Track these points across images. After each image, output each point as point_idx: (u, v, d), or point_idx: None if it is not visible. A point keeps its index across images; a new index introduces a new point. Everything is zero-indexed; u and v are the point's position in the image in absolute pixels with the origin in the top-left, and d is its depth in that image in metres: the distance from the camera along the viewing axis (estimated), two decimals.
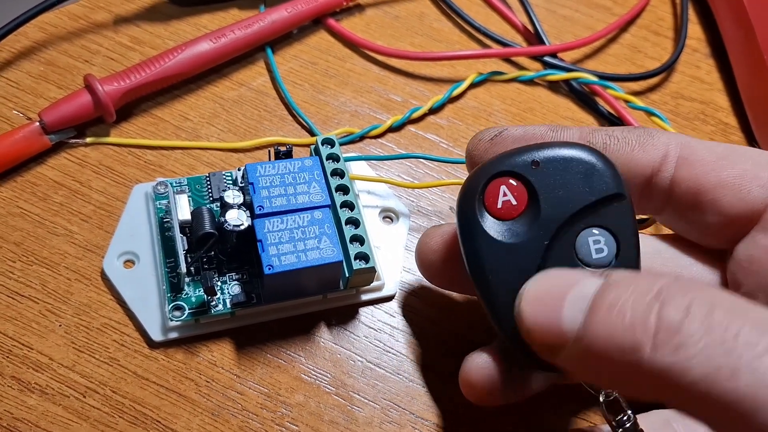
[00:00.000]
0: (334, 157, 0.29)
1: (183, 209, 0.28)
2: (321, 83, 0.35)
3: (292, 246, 0.25)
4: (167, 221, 0.29)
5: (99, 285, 0.28)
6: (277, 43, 0.36)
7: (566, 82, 0.37)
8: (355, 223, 0.27)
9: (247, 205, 0.27)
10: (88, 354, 0.27)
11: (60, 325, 0.27)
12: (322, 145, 0.29)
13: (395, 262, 0.30)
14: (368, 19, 0.38)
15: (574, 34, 0.39)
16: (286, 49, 0.36)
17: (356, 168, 0.32)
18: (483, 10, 0.40)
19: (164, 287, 0.27)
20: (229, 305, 0.27)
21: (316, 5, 0.36)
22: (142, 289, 0.28)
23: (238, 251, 0.28)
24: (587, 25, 0.40)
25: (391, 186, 0.32)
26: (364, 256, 0.27)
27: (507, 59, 0.38)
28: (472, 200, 0.22)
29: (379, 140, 0.34)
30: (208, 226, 0.26)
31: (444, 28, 0.39)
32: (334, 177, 0.28)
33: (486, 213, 0.22)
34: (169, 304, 0.27)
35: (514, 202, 0.22)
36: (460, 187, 0.23)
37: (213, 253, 0.28)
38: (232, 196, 0.27)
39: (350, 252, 0.26)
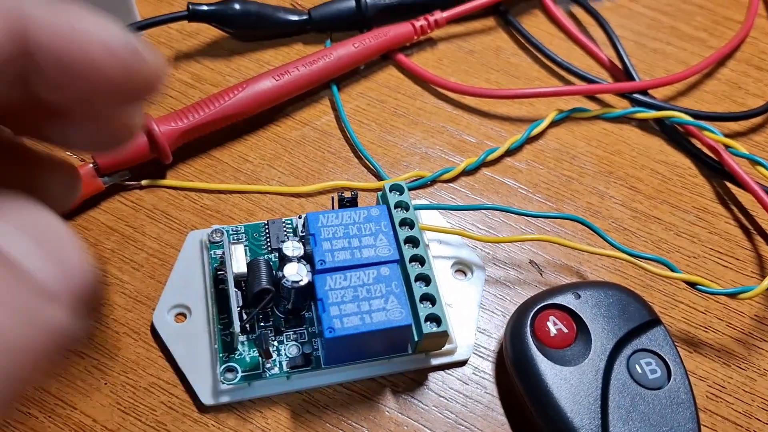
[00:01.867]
0: (403, 206, 0.26)
1: (239, 261, 0.26)
2: (389, 123, 0.33)
3: (356, 306, 0.23)
4: (222, 273, 0.26)
5: (148, 340, 0.26)
6: (343, 79, 0.34)
7: (657, 121, 0.34)
8: (425, 280, 0.24)
9: (308, 258, 0.25)
10: (134, 416, 0.25)
11: (105, 383, 0.25)
12: (390, 191, 0.26)
13: (468, 322, 0.27)
14: (440, 53, 0.36)
15: (666, 69, 0.36)
16: (352, 86, 0.34)
17: (426, 217, 0.29)
18: (565, 44, 0.37)
19: (216, 346, 0.25)
20: (285, 368, 0.25)
21: (385, 39, 0.33)
22: (193, 347, 0.26)
23: (296, 308, 0.25)
24: (680, 59, 0.36)
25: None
26: (435, 318, 0.24)
27: (591, 97, 0.34)
28: (524, 333, 0.25)
29: (451, 184, 0.31)
30: (264, 282, 0.24)
31: (522, 63, 0.36)
32: (403, 227, 0.26)
33: (539, 343, 0.25)
34: (221, 365, 0.25)
35: (565, 331, 0.25)
36: (541, 242, 0.27)
37: (269, 309, 0.26)
38: (292, 247, 0.25)
39: (420, 313, 0.24)
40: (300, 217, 0.27)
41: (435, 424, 0.25)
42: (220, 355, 0.25)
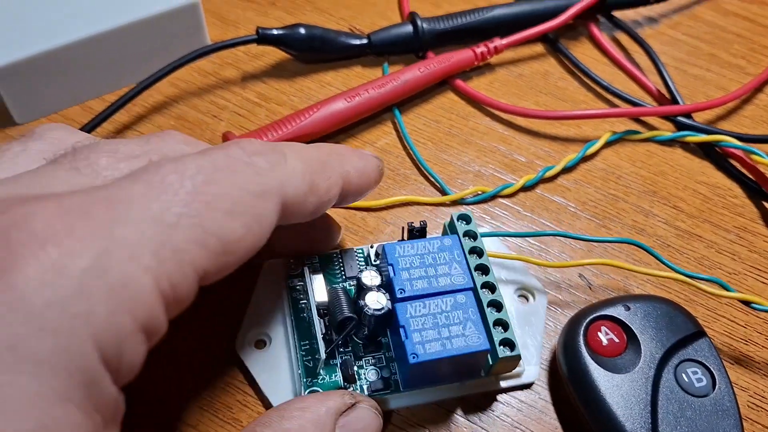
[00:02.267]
0: (471, 235, 0.27)
1: (320, 291, 0.27)
2: (443, 142, 0.35)
3: (437, 332, 0.24)
4: (302, 301, 0.27)
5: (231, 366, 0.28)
6: (403, 102, 0.36)
7: (699, 143, 0.35)
8: (497, 306, 0.26)
9: (386, 287, 0.26)
10: None
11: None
12: (458, 221, 0.27)
13: (534, 345, 0.28)
14: (492, 77, 0.38)
15: (706, 94, 0.38)
16: (409, 107, 0.36)
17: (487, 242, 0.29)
18: (609, 69, 0.38)
19: (299, 371, 0.26)
20: (366, 392, 0.25)
21: (448, 65, 0.35)
22: (275, 373, 0.27)
23: (374, 334, 0.26)
24: (720, 85, 0.38)
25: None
26: (509, 343, 0.25)
27: (636, 119, 0.36)
28: (577, 342, 0.26)
29: (504, 201, 0.33)
30: (347, 311, 0.25)
31: (569, 86, 0.38)
32: (472, 255, 0.27)
33: (592, 352, 0.26)
34: (305, 390, 0.25)
35: (616, 340, 0.27)
36: (595, 264, 0.28)
37: (349, 336, 0.27)
38: (370, 277, 0.26)
39: (494, 338, 0.25)
40: (372, 247, 0.28)
41: (492, 427, 0.27)
42: (304, 380, 0.25)
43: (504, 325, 0.25)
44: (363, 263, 0.28)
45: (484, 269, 0.26)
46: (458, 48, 0.37)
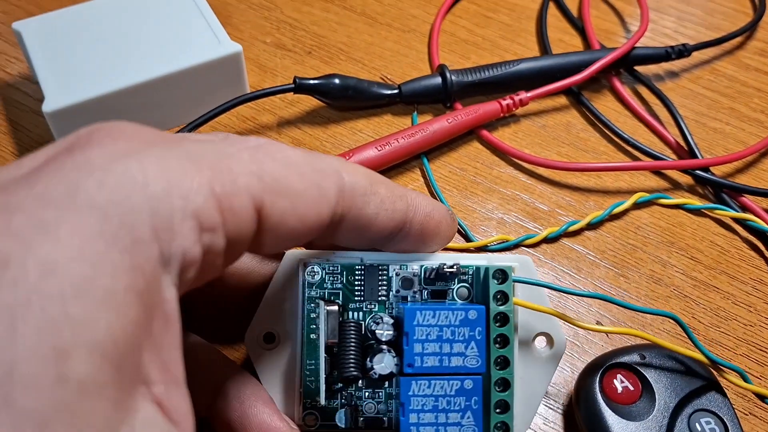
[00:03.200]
0: (502, 296, 0.25)
1: (332, 329, 0.25)
2: (469, 189, 0.36)
3: (434, 417, 0.24)
4: (313, 325, 0.26)
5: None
6: (431, 150, 0.38)
7: (717, 195, 0.36)
8: (504, 384, 0.24)
9: (396, 348, 0.25)
10: None
11: None
12: (493, 278, 0.25)
13: (531, 402, 0.26)
14: (516, 127, 0.39)
15: (725, 147, 0.39)
16: (436, 155, 0.38)
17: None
18: (630, 121, 0.40)
19: (301, 390, 0.26)
20: (362, 425, 0.26)
21: (475, 117, 0.37)
22: (279, 373, 0.26)
23: (377, 384, 0.26)
24: (739, 138, 0.39)
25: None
26: (504, 426, 0.24)
27: (657, 172, 0.37)
28: (593, 388, 0.27)
29: (523, 247, 0.34)
30: (353, 368, 0.25)
31: (591, 138, 0.39)
32: (496, 322, 0.25)
33: (607, 398, 0.27)
34: (303, 410, 0.26)
35: (631, 388, 0.27)
36: (625, 333, 0.27)
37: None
38: (383, 331, 0.25)
39: (492, 419, 0.24)
40: (396, 274, 0.26)
41: None
42: (305, 401, 0.26)
43: (505, 407, 0.24)
44: (385, 289, 0.26)
45: (504, 340, 0.25)
46: (485, 99, 0.39)
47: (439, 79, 0.39)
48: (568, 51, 0.42)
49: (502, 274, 0.25)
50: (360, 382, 0.26)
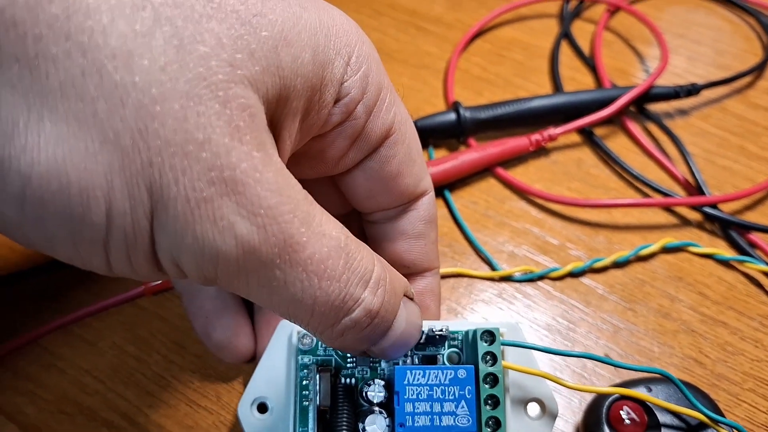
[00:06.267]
0: (491, 357, 0.25)
1: (324, 394, 0.26)
2: (480, 222, 0.37)
3: None
4: (305, 391, 0.26)
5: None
6: (449, 184, 0.39)
7: (725, 231, 0.37)
8: None
9: (387, 409, 0.25)
10: None
11: None
12: (481, 338, 0.26)
13: None
14: (527, 162, 0.40)
15: (734, 185, 0.39)
16: (449, 188, 0.39)
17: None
18: (640, 158, 0.41)
19: None
20: None
21: (503, 150, 0.39)
22: None
23: None
24: (747, 176, 0.40)
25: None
26: None
27: (666, 208, 0.38)
28: (600, 420, 0.28)
29: (534, 282, 0.35)
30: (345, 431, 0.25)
31: (601, 174, 0.40)
32: (486, 383, 0.25)
33: (614, 429, 0.28)
34: None
35: (637, 420, 0.28)
36: (616, 392, 0.27)
37: None
38: (375, 393, 0.26)
39: None
40: None
41: None
42: None
43: None
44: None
45: (494, 401, 0.25)
46: (498, 135, 0.40)
47: (453, 115, 0.40)
48: (579, 89, 0.43)
49: (490, 336, 0.25)
50: None
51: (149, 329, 0.33)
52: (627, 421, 0.28)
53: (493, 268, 0.35)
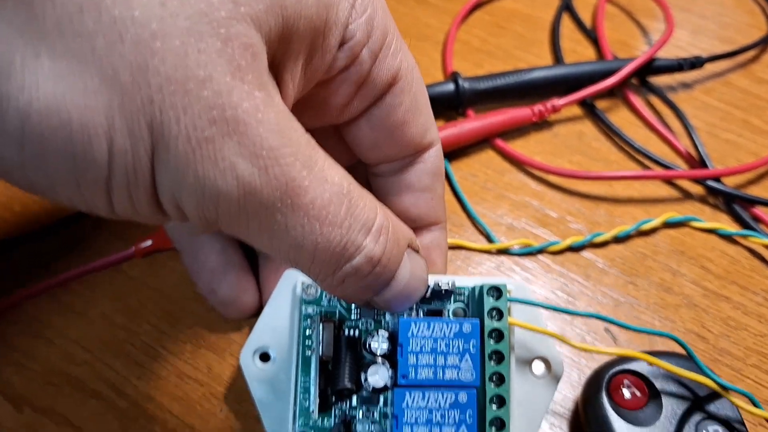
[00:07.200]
0: (497, 313, 0.25)
1: (327, 344, 0.25)
2: (479, 195, 0.36)
3: (428, 430, 0.24)
4: (309, 340, 0.26)
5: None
6: (447, 155, 0.38)
7: (728, 205, 0.36)
8: (500, 402, 0.24)
9: (391, 360, 0.25)
10: None
11: (221, 410, 0.29)
12: (488, 294, 0.25)
13: (531, 426, 0.26)
14: (527, 135, 0.39)
15: (737, 158, 0.39)
16: (448, 160, 0.38)
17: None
18: (642, 131, 0.40)
19: (295, 408, 0.26)
20: None
21: (505, 119, 0.38)
22: (274, 393, 0.26)
23: (371, 398, 0.26)
24: (750, 150, 0.39)
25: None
26: None
27: (667, 181, 0.37)
28: (600, 394, 0.27)
29: (533, 255, 0.34)
30: (347, 380, 0.25)
31: (602, 147, 0.39)
32: (491, 338, 0.25)
33: (614, 403, 0.27)
34: (297, 429, 0.26)
35: (638, 394, 0.27)
36: (624, 355, 0.26)
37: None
38: (378, 344, 0.25)
39: None
40: None
41: None
42: (299, 419, 0.26)
43: (500, 424, 0.24)
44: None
45: (499, 357, 0.24)
46: (497, 107, 0.39)
47: (451, 86, 0.39)
48: (581, 61, 0.42)
49: (497, 292, 0.25)
50: (354, 399, 0.26)
51: (139, 299, 0.32)
52: (627, 395, 0.27)
53: (491, 241, 0.34)
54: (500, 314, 0.25)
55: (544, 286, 0.33)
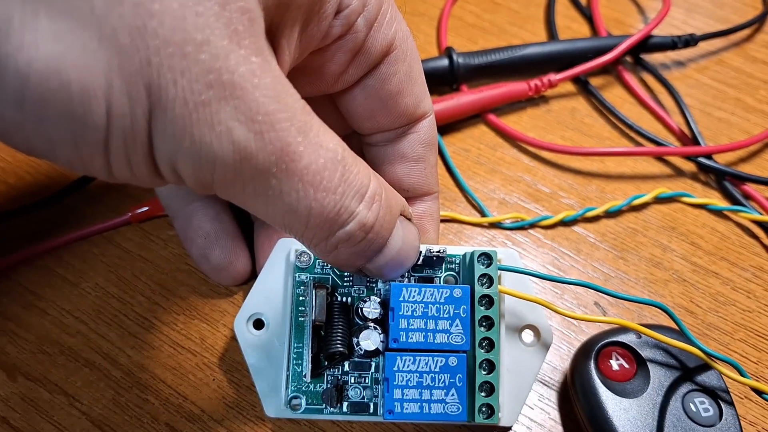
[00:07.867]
0: (487, 279, 0.25)
1: (320, 309, 0.26)
2: (472, 170, 0.37)
3: (418, 393, 0.24)
4: (302, 307, 0.27)
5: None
6: (440, 129, 0.38)
7: (719, 183, 0.36)
8: (489, 367, 0.24)
9: (382, 326, 0.26)
10: (236, 411, 0.28)
11: (213, 380, 0.29)
12: (478, 260, 0.25)
13: (520, 392, 0.27)
14: (520, 110, 0.39)
15: (729, 136, 0.39)
16: (441, 135, 0.38)
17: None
18: (635, 108, 0.40)
19: (288, 373, 0.26)
20: (346, 409, 0.26)
21: (501, 93, 0.38)
22: (267, 359, 0.27)
23: (362, 364, 0.27)
24: (743, 128, 0.39)
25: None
26: (489, 409, 0.24)
27: (659, 158, 0.38)
28: (588, 366, 0.28)
29: (525, 229, 0.34)
30: (339, 344, 0.25)
31: (595, 123, 0.39)
32: (481, 305, 0.25)
33: (602, 375, 0.27)
34: (289, 394, 0.26)
35: (626, 366, 0.28)
36: (612, 323, 0.26)
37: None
38: (371, 309, 0.26)
39: (476, 401, 0.24)
40: None
41: None
42: (291, 384, 0.26)
43: (490, 389, 0.24)
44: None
45: (489, 323, 0.25)
46: (491, 82, 0.39)
47: (446, 61, 0.39)
48: (575, 38, 0.42)
49: (488, 258, 0.25)
50: (346, 365, 0.26)
51: (132, 271, 0.32)
52: (616, 367, 0.28)
53: (483, 214, 0.35)
54: (490, 281, 0.25)
55: (535, 260, 0.33)
